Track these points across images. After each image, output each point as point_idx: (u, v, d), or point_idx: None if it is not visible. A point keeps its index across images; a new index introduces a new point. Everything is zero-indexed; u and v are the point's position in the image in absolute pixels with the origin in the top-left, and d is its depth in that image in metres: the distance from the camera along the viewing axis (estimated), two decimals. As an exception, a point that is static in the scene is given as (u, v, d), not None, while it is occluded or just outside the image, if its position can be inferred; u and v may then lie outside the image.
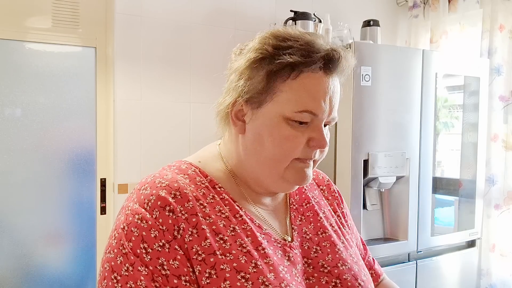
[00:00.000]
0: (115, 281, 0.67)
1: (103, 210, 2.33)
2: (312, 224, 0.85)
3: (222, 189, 0.77)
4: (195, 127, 2.40)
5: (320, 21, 2.57)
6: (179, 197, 0.71)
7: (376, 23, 2.63)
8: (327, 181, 0.97)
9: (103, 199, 2.32)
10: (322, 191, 0.94)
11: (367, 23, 2.64)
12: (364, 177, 2.02)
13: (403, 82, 2.13)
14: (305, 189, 0.90)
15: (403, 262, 2.16)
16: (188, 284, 0.67)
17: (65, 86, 2.25)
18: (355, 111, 1.97)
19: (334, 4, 2.88)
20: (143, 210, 0.70)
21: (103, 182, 2.33)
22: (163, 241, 0.67)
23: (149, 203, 0.70)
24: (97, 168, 2.32)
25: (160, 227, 0.68)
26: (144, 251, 0.67)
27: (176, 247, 0.68)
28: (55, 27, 2.20)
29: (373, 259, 1.03)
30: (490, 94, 2.56)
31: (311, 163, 0.77)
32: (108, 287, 0.67)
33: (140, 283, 0.65)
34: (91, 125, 2.31)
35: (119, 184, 2.28)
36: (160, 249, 0.67)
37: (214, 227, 0.71)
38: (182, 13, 2.43)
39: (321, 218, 0.87)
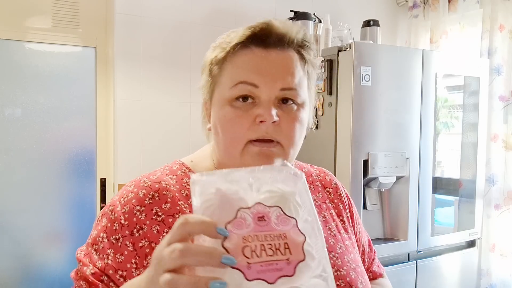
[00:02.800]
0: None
1: (103, 210, 2.33)
2: None
3: None
4: (195, 127, 2.40)
5: (320, 21, 2.57)
6: (156, 198, 0.73)
7: (376, 23, 2.63)
8: (335, 183, 0.94)
9: (103, 199, 2.32)
10: (327, 193, 0.91)
11: (367, 23, 2.64)
12: (364, 177, 2.02)
13: (403, 82, 2.13)
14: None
15: (403, 262, 2.16)
16: (122, 279, 0.69)
17: (65, 86, 2.25)
18: (355, 111, 1.97)
19: (334, 4, 2.88)
20: (118, 202, 0.73)
21: (103, 182, 2.33)
22: (119, 234, 0.70)
23: (126, 199, 0.73)
24: (97, 168, 2.32)
25: (122, 221, 0.71)
26: (101, 239, 0.71)
27: (128, 243, 0.70)
28: (55, 27, 2.21)
29: (373, 260, 1.02)
30: (490, 94, 2.56)
31: (275, 145, 0.71)
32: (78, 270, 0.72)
33: (90, 269, 0.70)
34: (91, 125, 2.31)
35: (119, 184, 2.28)
36: (114, 242, 0.70)
37: None
38: (182, 13, 2.43)
39: (319, 220, 0.84)
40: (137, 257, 0.69)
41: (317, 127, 2.15)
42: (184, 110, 2.41)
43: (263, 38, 0.72)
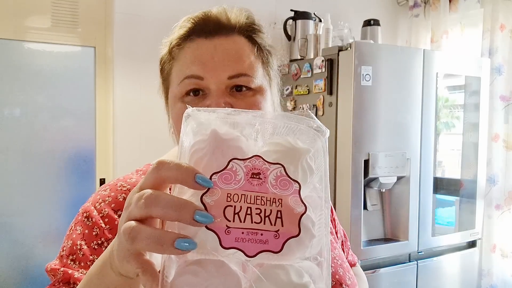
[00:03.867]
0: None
1: (102, 210, 2.32)
2: None
3: None
4: (195, 127, 2.39)
5: (320, 21, 2.57)
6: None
7: (376, 22, 2.62)
8: None
9: (102, 199, 2.32)
10: None
11: (367, 23, 2.63)
12: (364, 177, 2.01)
13: (404, 82, 2.12)
14: None
15: (404, 263, 2.16)
16: None
17: (65, 86, 2.24)
18: (355, 111, 1.97)
19: (334, 3, 2.87)
20: (93, 207, 0.67)
21: (102, 182, 2.32)
22: (102, 239, 0.64)
23: (102, 204, 0.67)
24: (97, 168, 2.31)
25: (102, 225, 0.65)
26: (79, 247, 0.64)
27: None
28: (55, 26, 2.20)
29: (348, 250, 1.00)
30: (491, 94, 2.55)
31: None
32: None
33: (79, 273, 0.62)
34: (90, 125, 2.30)
35: (119, 184, 2.27)
36: (96, 247, 0.64)
37: None
38: (182, 13, 2.43)
39: None
40: None
41: (317, 127, 2.14)
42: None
43: (203, 27, 0.70)
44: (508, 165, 2.56)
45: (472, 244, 2.48)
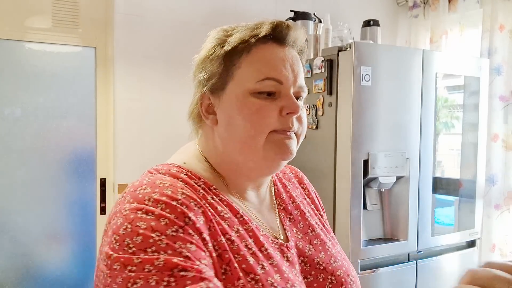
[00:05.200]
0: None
1: (103, 210, 2.33)
2: (301, 223, 0.85)
3: (217, 190, 0.75)
4: (195, 127, 2.39)
5: (320, 21, 2.57)
6: (188, 194, 0.67)
7: (376, 23, 2.63)
8: (306, 180, 0.97)
9: (103, 199, 2.32)
10: (303, 189, 0.94)
11: (367, 23, 2.64)
12: (364, 177, 2.02)
13: (403, 82, 2.13)
14: (289, 188, 0.90)
15: (403, 262, 2.16)
16: (208, 269, 0.61)
17: (65, 86, 2.25)
18: (355, 111, 1.97)
19: (334, 4, 2.88)
20: (144, 205, 0.64)
21: (103, 182, 2.33)
22: (175, 226, 0.62)
23: (151, 199, 0.65)
24: (97, 168, 2.32)
25: (168, 215, 0.63)
26: (157, 238, 0.60)
27: (191, 231, 0.63)
28: (55, 27, 2.20)
29: None
30: (490, 94, 2.56)
31: (293, 135, 0.75)
32: None
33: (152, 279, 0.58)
34: (91, 125, 2.31)
35: (119, 184, 2.28)
36: (174, 234, 0.61)
37: (220, 227, 0.69)
38: (182, 13, 2.43)
39: (307, 217, 0.87)
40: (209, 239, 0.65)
41: (317, 127, 2.15)
42: (184, 110, 2.40)
43: (281, 35, 0.75)
44: (507, 165, 2.56)
45: (471, 244, 2.48)
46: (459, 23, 2.80)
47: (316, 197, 0.96)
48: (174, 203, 0.65)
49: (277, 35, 0.75)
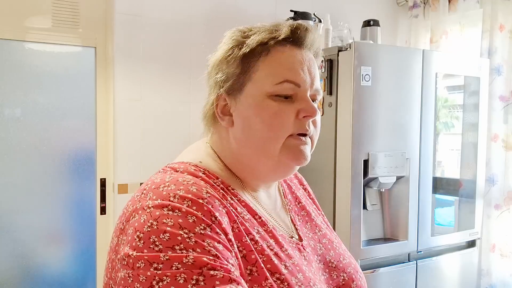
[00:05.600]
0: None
1: (103, 210, 2.33)
2: (308, 223, 0.86)
3: (235, 190, 0.75)
4: (195, 127, 2.40)
5: (320, 21, 2.57)
6: (212, 193, 0.67)
7: (376, 23, 2.62)
8: (305, 181, 0.99)
9: (103, 199, 2.32)
10: (304, 190, 0.95)
11: (367, 23, 2.63)
12: (364, 177, 2.02)
13: (403, 82, 2.13)
14: (294, 190, 0.91)
15: (403, 262, 2.16)
16: (235, 269, 0.61)
17: (65, 86, 2.25)
18: (355, 111, 1.97)
19: (334, 4, 2.88)
20: (169, 202, 0.62)
21: (103, 182, 2.33)
22: (203, 224, 0.61)
23: (176, 196, 0.63)
24: (97, 168, 2.32)
25: (196, 212, 0.62)
26: (186, 235, 0.59)
27: (218, 231, 0.62)
28: (55, 27, 2.20)
29: None
30: (490, 94, 2.56)
31: (308, 140, 0.75)
32: None
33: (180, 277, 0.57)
34: (91, 125, 2.31)
35: (119, 184, 2.28)
36: (203, 232, 0.60)
37: (244, 227, 0.69)
38: (182, 13, 2.43)
39: (313, 217, 0.88)
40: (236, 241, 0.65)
41: (317, 127, 2.15)
42: (184, 110, 2.41)
43: (299, 37, 0.75)
44: (507, 165, 2.56)
45: (471, 244, 2.48)
46: (459, 23, 2.80)
47: (316, 198, 0.97)
48: (200, 201, 0.64)
49: (296, 37, 0.74)
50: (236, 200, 0.73)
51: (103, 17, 2.31)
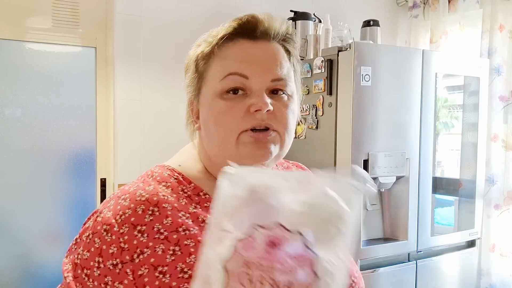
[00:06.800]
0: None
1: (103, 210, 2.33)
2: None
3: (207, 196, 0.73)
4: (195, 127, 2.40)
5: (320, 21, 2.57)
6: (157, 213, 0.66)
7: (376, 23, 2.63)
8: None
9: (103, 199, 2.32)
10: None
11: (367, 23, 2.64)
12: (364, 177, 2.01)
13: (403, 82, 2.13)
14: None
15: (403, 262, 2.16)
16: None
17: (65, 86, 2.25)
18: (355, 111, 1.97)
19: (334, 4, 2.88)
20: (114, 221, 0.66)
21: (103, 182, 2.33)
22: (117, 260, 0.64)
23: (123, 217, 0.66)
24: (97, 168, 2.32)
25: (122, 244, 0.64)
26: (96, 264, 0.65)
27: (128, 271, 0.63)
28: (55, 27, 2.21)
29: None
30: (490, 94, 2.56)
31: (272, 134, 0.70)
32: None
33: None
34: (91, 125, 2.31)
35: (119, 184, 2.28)
36: (111, 268, 0.64)
37: (199, 238, 0.66)
38: (182, 13, 2.43)
39: None
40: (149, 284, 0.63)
41: (317, 127, 2.15)
42: (184, 110, 2.41)
43: (250, 30, 0.72)
44: (507, 165, 2.56)
45: (471, 244, 2.49)
46: (459, 23, 2.80)
47: None
48: (135, 232, 0.65)
49: (245, 30, 0.72)
50: (201, 208, 0.71)
51: (103, 17, 2.31)
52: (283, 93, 0.72)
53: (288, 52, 0.75)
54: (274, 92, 0.71)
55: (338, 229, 0.41)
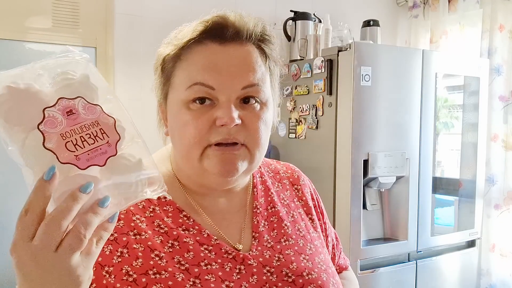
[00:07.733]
0: None
1: (103, 210, 2.33)
2: (275, 230, 0.77)
3: (167, 199, 0.71)
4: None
5: (320, 21, 2.57)
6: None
7: (376, 23, 2.63)
8: (303, 180, 0.89)
9: (103, 199, 2.33)
10: (296, 191, 0.86)
11: (367, 23, 2.64)
12: (364, 177, 2.02)
13: (403, 82, 2.13)
14: (272, 192, 0.82)
15: (403, 262, 2.16)
16: (107, 275, 0.63)
17: (65, 86, 2.25)
18: (355, 111, 1.97)
19: (334, 4, 2.88)
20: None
21: (103, 182, 2.33)
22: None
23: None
24: (97, 168, 2.32)
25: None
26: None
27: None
28: (55, 27, 2.21)
29: (340, 253, 0.96)
30: (490, 94, 2.56)
31: (239, 149, 0.66)
32: None
33: None
34: (91, 125, 2.31)
35: (119, 184, 2.28)
36: None
37: (149, 243, 0.66)
38: (182, 13, 2.43)
39: (285, 224, 0.79)
40: (126, 249, 0.64)
41: (317, 127, 2.15)
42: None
43: (218, 32, 0.67)
44: (507, 165, 2.57)
45: (471, 244, 2.49)
46: (459, 23, 2.80)
47: (313, 199, 0.88)
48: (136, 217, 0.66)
49: (213, 32, 0.67)
50: (160, 211, 0.70)
51: (103, 17, 2.31)
52: (256, 101, 0.68)
53: (264, 54, 0.71)
54: (245, 101, 0.67)
55: (93, 85, 0.51)
